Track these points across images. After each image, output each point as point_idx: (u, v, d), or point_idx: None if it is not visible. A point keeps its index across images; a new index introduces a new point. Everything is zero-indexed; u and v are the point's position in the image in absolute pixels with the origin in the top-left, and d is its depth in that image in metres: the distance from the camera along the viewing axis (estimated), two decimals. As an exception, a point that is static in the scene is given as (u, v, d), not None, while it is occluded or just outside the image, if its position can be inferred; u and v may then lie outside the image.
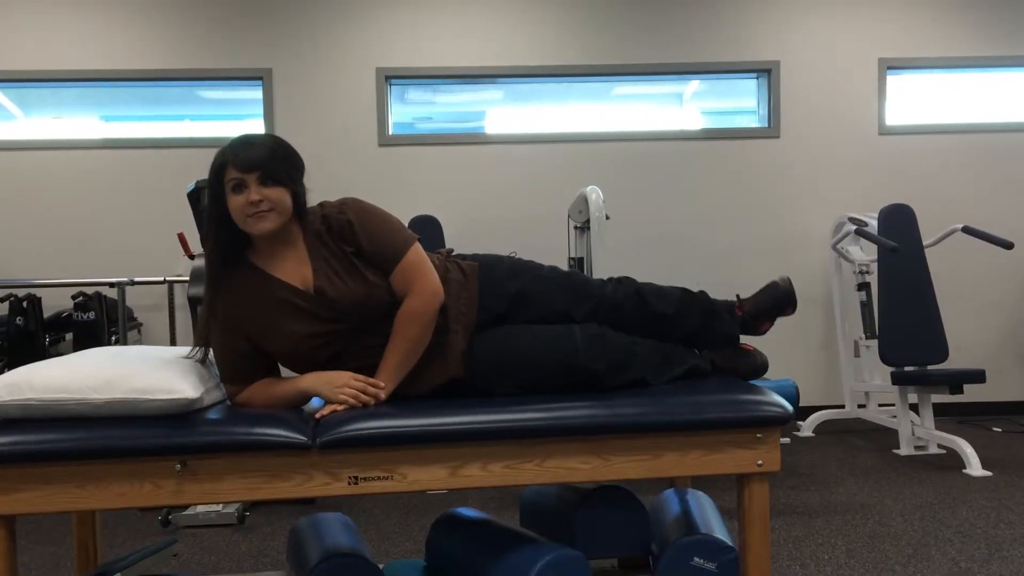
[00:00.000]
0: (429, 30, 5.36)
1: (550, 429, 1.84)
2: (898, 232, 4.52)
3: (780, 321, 2.30)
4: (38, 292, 4.70)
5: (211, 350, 2.00)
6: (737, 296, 2.26)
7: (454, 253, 2.20)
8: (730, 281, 5.40)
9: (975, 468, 3.94)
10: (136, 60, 5.25)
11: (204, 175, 1.96)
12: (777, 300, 2.24)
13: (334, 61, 5.33)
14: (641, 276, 2.26)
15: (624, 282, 2.21)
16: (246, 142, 1.91)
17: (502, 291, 2.09)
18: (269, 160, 1.89)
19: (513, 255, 2.25)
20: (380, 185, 5.33)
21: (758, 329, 2.26)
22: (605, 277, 2.24)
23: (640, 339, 2.13)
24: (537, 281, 2.13)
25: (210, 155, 1.94)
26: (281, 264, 1.97)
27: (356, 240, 1.96)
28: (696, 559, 2.06)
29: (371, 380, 1.94)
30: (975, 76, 5.64)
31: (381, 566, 2.22)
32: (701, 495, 2.40)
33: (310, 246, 1.98)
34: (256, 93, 5.37)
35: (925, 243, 4.65)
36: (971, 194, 5.54)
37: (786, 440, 4.80)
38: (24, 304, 4.56)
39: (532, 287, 2.11)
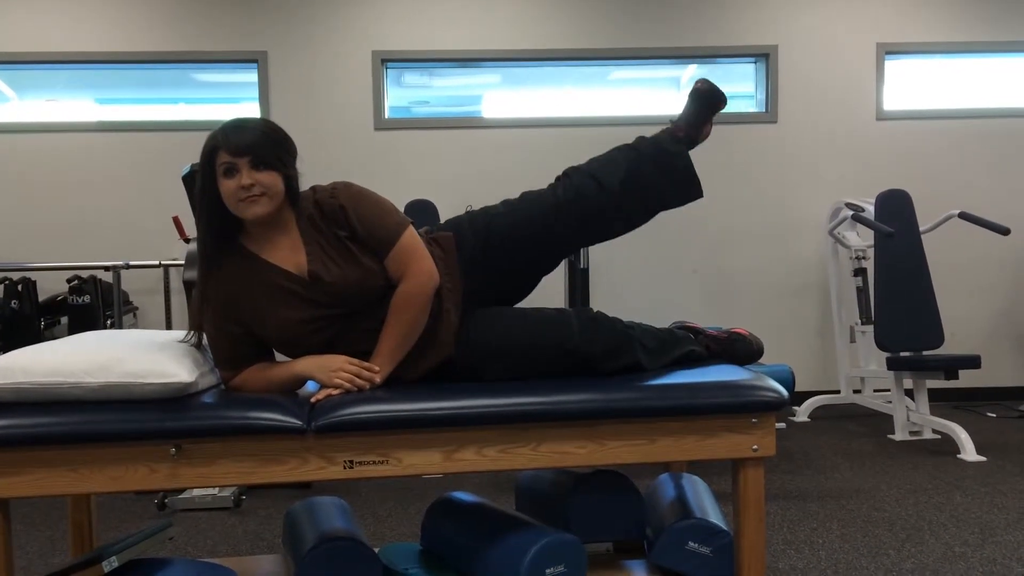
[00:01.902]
0: (426, 13, 5.33)
1: (545, 414, 1.84)
2: (894, 218, 4.52)
3: (775, 306, 2.30)
4: (33, 276, 4.69)
5: (205, 334, 1.99)
6: (670, 122, 2.23)
7: (431, 230, 2.18)
8: (726, 266, 5.43)
9: (969, 453, 3.96)
10: (131, 43, 5.22)
11: (199, 158, 1.95)
12: (705, 101, 2.21)
13: (330, 44, 5.30)
14: (636, 262, 2.26)
15: (571, 174, 2.16)
16: (238, 126, 1.90)
17: (474, 252, 2.08)
18: (261, 144, 1.87)
19: (469, 208, 2.24)
20: (376, 169, 5.31)
21: (702, 135, 2.24)
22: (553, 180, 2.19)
23: (636, 323, 2.13)
24: (497, 220, 2.10)
25: (205, 139, 1.93)
26: (274, 249, 1.97)
27: (349, 224, 1.95)
28: (691, 543, 2.07)
29: (366, 364, 1.93)
30: (973, 61, 5.63)
31: (377, 550, 2.22)
32: (696, 479, 2.40)
33: (303, 231, 1.97)
34: (251, 76, 5.34)
35: (921, 229, 4.65)
36: (968, 180, 5.53)
37: (782, 425, 4.81)
38: (19, 288, 4.55)
39: (494, 234, 2.09)
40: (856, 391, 5.22)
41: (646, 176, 2.14)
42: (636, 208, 2.17)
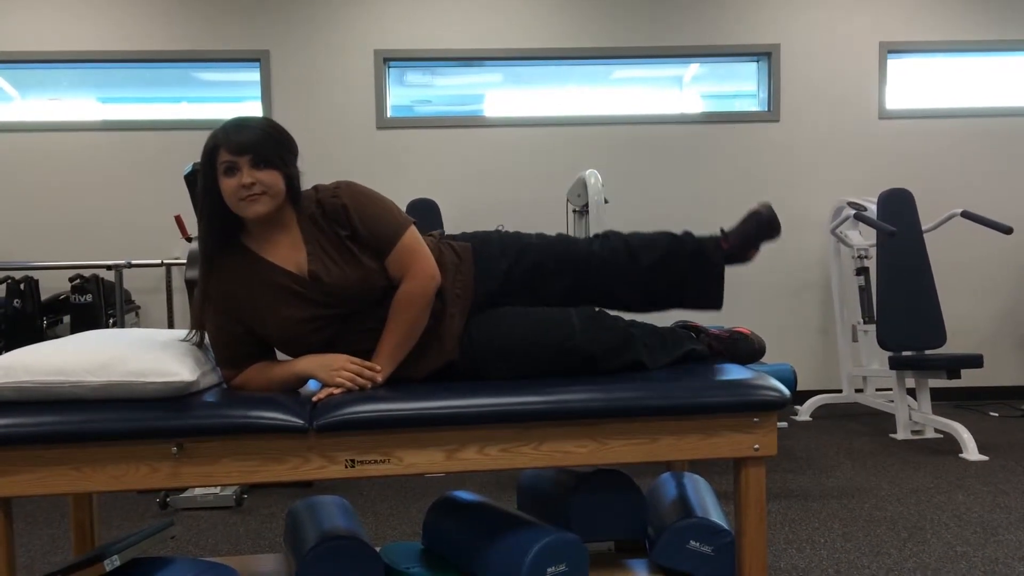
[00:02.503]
0: (428, 12, 5.33)
1: (547, 413, 1.84)
2: (897, 217, 4.51)
3: (777, 305, 2.30)
4: (35, 275, 4.69)
5: (207, 333, 2.00)
6: (721, 229, 2.25)
7: (444, 235, 2.19)
8: (726, 274, 5.41)
9: (971, 452, 3.95)
10: (133, 42, 5.22)
11: (201, 157, 1.95)
12: (761, 227, 2.21)
13: (332, 43, 5.30)
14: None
15: (611, 237, 2.20)
16: (239, 124, 1.90)
17: (496, 269, 2.09)
18: (262, 143, 1.87)
19: (500, 227, 2.25)
20: (378, 168, 5.32)
21: (745, 257, 2.24)
22: (592, 235, 2.24)
23: (637, 322, 2.13)
24: (528, 252, 2.12)
25: (207, 138, 1.93)
26: (275, 248, 1.97)
27: (351, 224, 1.95)
28: (692, 542, 2.07)
29: (368, 363, 1.93)
30: (976, 60, 5.62)
31: (378, 549, 2.22)
32: (698, 479, 2.40)
33: (304, 230, 1.97)
34: (253, 75, 5.35)
35: (924, 228, 4.65)
36: (970, 179, 5.53)
37: (783, 424, 4.80)
38: (21, 287, 4.55)
39: (524, 259, 2.11)
40: (858, 390, 5.21)
41: (678, 268, 2.18)
42: (656, 292, 2.19)
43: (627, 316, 2.22)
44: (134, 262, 4.56)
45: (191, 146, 2.80)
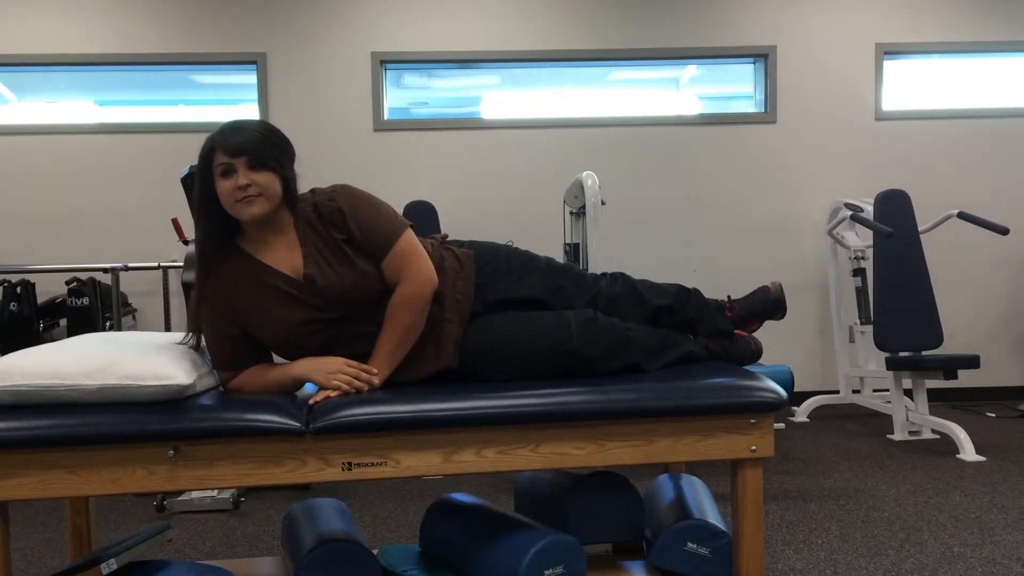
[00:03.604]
0: (425, 14, 5.33)
1: (544, 415, 1.84)
2: (893, 218, 4.52)
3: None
4: (32, 278, 4.69)
5: (203, 336, 1.99)
6: (728, 297, 2.28)
7: (448, 239, 2.19)
8: (726, 266, 5.43)
9: (969, 453, 3.96)
10: (130, 44, 5.22)
11: (197, 160, 1.95)
12: (767, 306, 2.26)
13: (329, 45, 5.31)
14: (637, 262, 2.27)
15: (619, 277, 2.21)
16: (235, 127, 1.90)
17: (498, 285, 2.09)
18: (258, 145, 1.87)
19: (510, 243, 2.25)
20: (375, 170, 5.32)
21: (747, 330, 2.28)
22: (599, 272, 2.24)
23: (634, 324, 2.13)
24: (535, 276, 2.12)
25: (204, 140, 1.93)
26: (271, 251, 1.96)
27: (347, 227, 1.95)
28: (689, 544, 2.07)
29: (364, 366, 1.93)
30: (972, 61, 5.63)
31: (376, 551, 2.22)
32: (695, 480, 2.40)
33: (300, 233, 1.97)
34: (250, 78, 5.35)
35: (920, 229, 4.65)
36: (967, 180, 5.54)
37: (781, 425, 4.81)
38: (18, 290, 4.55)
39: (529, 282, 2.11)
40: (855, 391, 5.22)
41: (683, 315, 2.20)
42: (658, 336, 2.17)
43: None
44: (131, 265, 4.56)
45: (188, 149, 2.80)
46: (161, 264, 4.69)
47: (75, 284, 4.54)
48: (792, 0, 5.46)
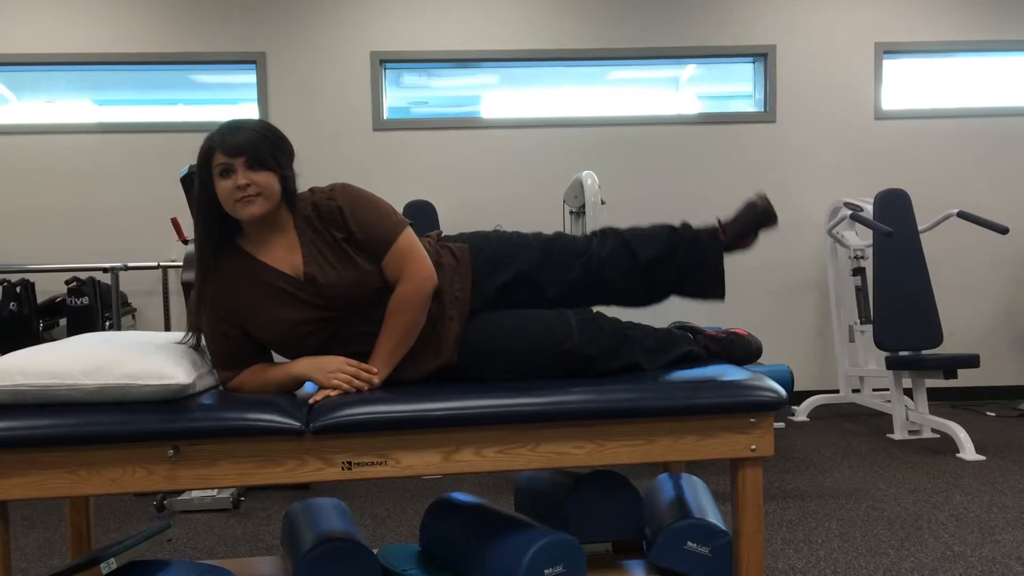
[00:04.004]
0: (424, 14, 5.33)
1: (544, 414, 1.84)
2: (893, 217, 4.52)
3: (774, 306, 2.31)
4: (31, 277, 4.69)
5: (203, 335, 1.99)
6: (718, 219, 2.26)
7: (442, 236, 2.19)
8: (725, 265, 5.42)
9: (968, 452, 3.96)
10: (129, 44, 5.22)
11: (196, 160, 1.95)
12: (757, 217, 2.24)
13: (328, 45, 5.30)
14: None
15: (608, 234, 2.20)
16: (234, 127, 1.90)
17: (494, 271, 2.09)
18: (257, 144, 1.87)
19: (498, 227, 2.25)
20: (375, 170, 5.32)
21: (743, 245, 2.26)
22: (590, 233, 2.24)
23: (635, 323, 2.13)
24: (526, 252, 2.12)
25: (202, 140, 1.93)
26: (271, 250, 1.96)
27: (346, 226, 1.95)
28: (689, 543, 2.06)
29: (364, 365, 1.93)
30: (972, 60, 5.63)
31: (375, 551, 2.22)
32: (695, 479, 2.40)
33: (300, 232, 1.97)
34: (250, 77, 5.34)
35: (920, 228, 4.66)
36: (966, 179, 5.54)
37: (781, 425, 4.81)
38: (17, 289, 4.55)
39: (523, 260, 2.11)
40: (855, 390, 5.22)
41: (677, 260, 2.19)
42: (656, 286, 2.20)
43: (628, 311, 2.23)
44: (130, 264, 4.56)
45: (187, 148, 2.80)
46: (161, 264, 4.69)
47: (75, 284, 4.53)
48: (791, 0, 5.47)
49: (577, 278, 2.13)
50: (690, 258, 2.19)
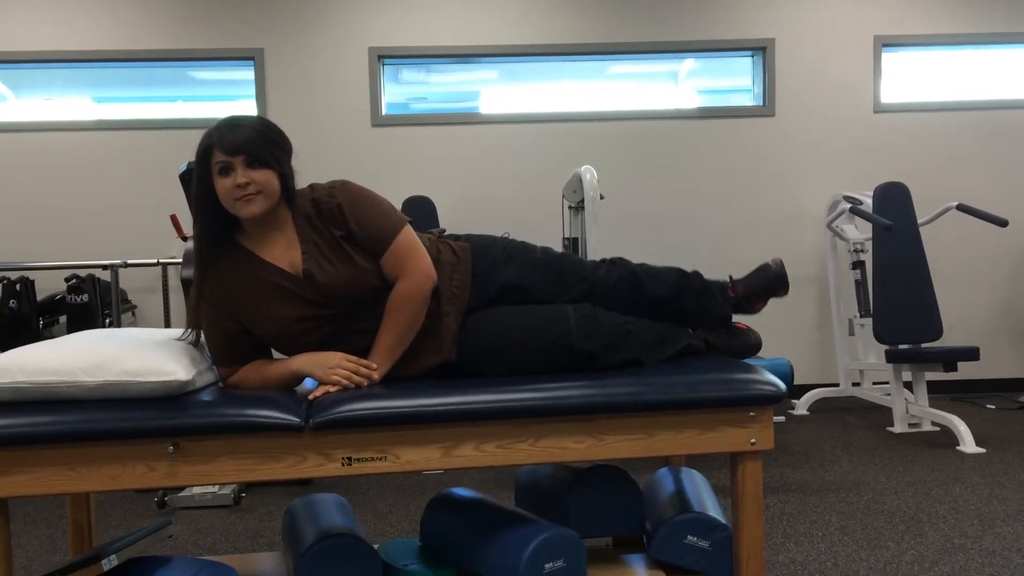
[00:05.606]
0: (422, 9, 5.32)
1: (544, 409, 1.84)
2: (893, 210, 4.52)
3: (774, 300, 2.30)
4: (31, 275, 4.68)
5: (202, 332, 1.99)
6: (730, 277, 2.26)
7: (445, 233, 2.19)
8: (725, 260, 5.43)
9: (968, 445, 3.96)
10: (128, 41, 5.21)
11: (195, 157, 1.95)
12: (769, 282, 2.24)
13: (326, 41, 5.30)
14: (636, 256, 2.26)
15: (618, 264, 2.20)
16: (232, 124, 1.89)
17: (495, 276, 2.08)
18: (255, 142, 1.87)
19: (506, 235, 2.24)
20: (374, 166, 5.31)
21: (751, 309, 2.27)
22: (599, 259, 2.23)
23: (634, 318, 2.12)
24: (531, 265, 2.12)
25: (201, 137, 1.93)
26: (270, 247, 1.96)
27: (346, 224, 1.95)
28: (690, 537, 2.07)
29: (364, 361, 1.93)
30: (971, 53, 5.62)
31: (376, 546, 2.23)
32: (695, 473, 2.40)
33: (299, 229, 1.97)
34: (248, 74, 5.34)
35: (920, 221, 4.66)
36: (966, 172, 5.53)
37: (781, 418, 4.81)
38: (17, 287, 4.55)
39: (526, 272, 2.10)
40: (855, 384, 5.22)
41: (681, 305, 2.18)
42: (658, 330, 2.17)
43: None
44: (130, 262, 4.56)
45: (186, 145, 2.81)
46: (160, 261, 4.68)
47: (74, 281, 4.53)
48: (790, -7, 5.46)
49: (577, 298, 2.11)
50: (696, 306, 2.19)
